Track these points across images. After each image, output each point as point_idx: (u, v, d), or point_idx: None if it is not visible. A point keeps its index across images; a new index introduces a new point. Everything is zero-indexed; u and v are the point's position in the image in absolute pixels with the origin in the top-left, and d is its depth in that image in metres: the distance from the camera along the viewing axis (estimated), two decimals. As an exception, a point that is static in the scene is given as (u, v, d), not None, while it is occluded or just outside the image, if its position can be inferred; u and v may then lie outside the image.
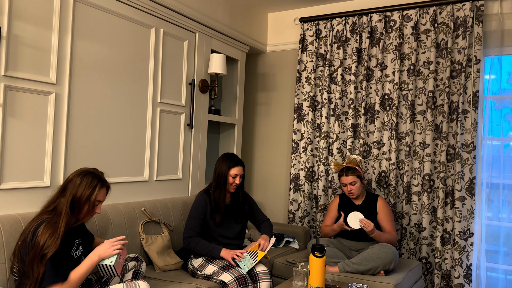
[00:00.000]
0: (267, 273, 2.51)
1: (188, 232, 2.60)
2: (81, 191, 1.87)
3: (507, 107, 3.18)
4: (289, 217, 3.90)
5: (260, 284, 2.46)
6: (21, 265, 1.80)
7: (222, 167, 2.65)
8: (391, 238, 2.87)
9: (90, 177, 1.91)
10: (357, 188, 2.96)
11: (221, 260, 2.56)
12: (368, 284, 2.58)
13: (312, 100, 3.83)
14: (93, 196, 1.89)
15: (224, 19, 3.65)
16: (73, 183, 1.89)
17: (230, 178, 2.63)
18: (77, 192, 1.87)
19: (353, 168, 2.98)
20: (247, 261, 2.50)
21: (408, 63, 3.45)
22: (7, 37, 2.11)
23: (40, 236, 1.76)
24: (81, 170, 1.94)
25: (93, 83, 2.57)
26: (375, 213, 2.97)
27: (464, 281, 3.14)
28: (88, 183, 1.89)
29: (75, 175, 1.91)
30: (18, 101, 2.17)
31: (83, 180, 1.89)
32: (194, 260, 2.60)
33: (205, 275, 2.49)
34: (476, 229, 3.18)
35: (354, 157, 3.06)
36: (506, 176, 3.14)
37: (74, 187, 1.88)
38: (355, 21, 3.67)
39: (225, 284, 2.37)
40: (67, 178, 1.93)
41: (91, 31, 2.55)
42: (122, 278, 2.19)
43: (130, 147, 2.84)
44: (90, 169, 1.97)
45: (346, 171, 2.97)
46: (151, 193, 3.01)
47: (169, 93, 3.14)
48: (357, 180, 2.96)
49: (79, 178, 1.89)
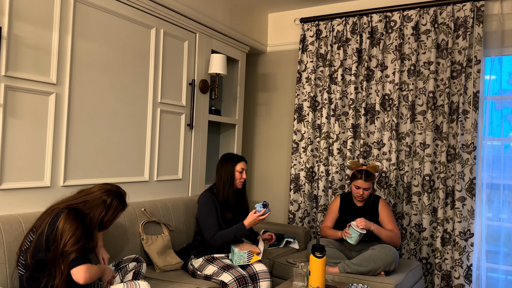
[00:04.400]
0: (267, 272, 2.52)
1: (210, 232, 2.57)
2: (109, 215, 1.98)
3: (508, 108, 3.18)
4: (289, 218, 3.90)
5: (260, 283, 2.46)
6: (34, 261, 1.81)
7: (227, 166, 2.69)
8: (393, 235, 2.84)
9: (117, 200, 2.00)
10: (367, 195, 2.96)
11: (221, 261, 2.56)
12: (369, 285, 2.58)
13: (313, 101, 3.83)
14: (115, 219, 2.03)
15: (225, 19, 3.66)
16: (100, 200, 1.96)
17: (237, 174, 2.68)
18: (106, 215, 1.96)
19: (372, 174, 2.92)
20: (243, 258, 2.53)
21: (409, 64, 3.45)
22: (7, 37, 2.11)
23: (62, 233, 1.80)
24: (111, 190, 2.00)
25: (94, 83, 2.57)
26: (376, 215, 2.97)
27: (465, 282, 3.14)
28: (115, 206, 1.99)
29: (103, 194, 1.97)
30: (19, 101, 2.18)
31: (113, 201, 1.98)
32: (194, 261, 2.60)
33: (205, 275, 2.49)
34: (477, 229, 3.18)
35: (377, 164, 2.96)
36: (506, 177, 3.13)
37: (103, 207, 1.95)
38: (356, 22, 3.67)
39: (225, 284, 2.37)
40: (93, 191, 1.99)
41: (92, 31, 2.55)
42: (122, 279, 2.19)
43: (131, 147, 2.84)
44: (120, 190, 2.05)
45: (365, 176, 2.89)
46: (151, 193, 3.01)
47: (169, 93, 3.14)
48: (371, 187, 2.95)
49: (109, 199, 1.97)
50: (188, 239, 2.99)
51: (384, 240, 2.83)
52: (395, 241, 2.85)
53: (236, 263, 2.53)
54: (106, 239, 2.41)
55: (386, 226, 2.92)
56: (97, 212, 1.93)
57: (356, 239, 2.73)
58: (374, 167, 2.96)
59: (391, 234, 2.84)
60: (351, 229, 2.74)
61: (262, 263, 2.58)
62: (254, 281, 2.48)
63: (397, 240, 2.86)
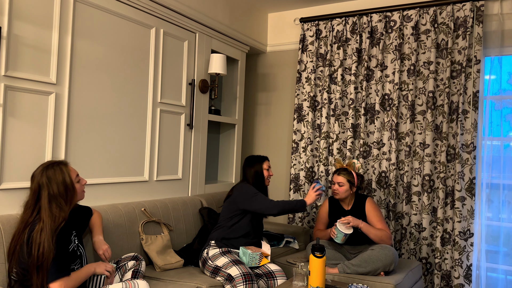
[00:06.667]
0: (282, 271, 2.70)
1: (269, 201, 2.71)
2: (55, 185, 1.86)
3: (507, 108, 3.18)
4: (289, 217, 3.90)
5: (277, 280, 2.65)
6: (20, 269, 1.81)
7: (256, 167, 2.89)
8: (382, 234, 2.80)
9: (51, 168, 1.90)
10: (343, 191, 2.94)
11: (234, 255, 2.65)
12: (368, 284, 2.58)
13: (312, 100, 3.83)
14: (67, 179, 1.90)
15: (224, 19, 3.66)
16: (43, 184, 1.87)
17: (265, 172, 2.89)
18: (53, 189, 1.86)
19: (348, 171, 2.97)
20: (255, 259, 2.64)
21: (408, 63, 3.45)
22: (7, 37, 2.11)
23: (34, 244, 1.76)
24: (41, 168, 1.91)
25: (93, 83, 2.57)
26: (364, 216, 2.96)
27: (464, 282, 3.14)
28: (53, 173, 1.89)
29: (38, 177, 1.88)
30: (18, 101, 2.18)
31: (48, 174, 1.88)
32: (212, 249, 2.66)
33: (216, 266, 2.55)
34: (476, 229, 3.18)
35: (354, 161, 3.05)
36: (506, 177, 3.13)
37: (47, 186, 1.86)
38: (355, 21, 3.67)
39: (231, 278, 2.43)
40: (34, 185, 1.89)
41: (91, 31, 2.55)
42: (121, 278, 2.19)
43: (130, 147, 2.84)
44: (44, 163, 1.95)
45: (339, 171, 2.99)
46: (151, 193, 3.01)
47: (169, 93, 3.14)
48: (346, 183, 2.94)
49: (44, 177, 1.87)
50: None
51: (373, 239, 2.80)
52: (385, 241, 2.80)
53: (248, 264, 2.63)
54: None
55: (375, 226, 2.89)
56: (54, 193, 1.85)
57: (342, 239, 2.76)
58: (350, 165, 3.04)
59: (379, 233, 2.79)
60: (336, 229, 2.77)
61: (275, 264, 2.74)
62: (269, 279, 2.64)
63: (387, 240, 2.81)
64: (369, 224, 2.91)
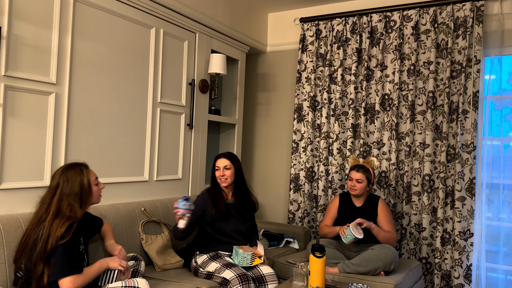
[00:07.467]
0: (274, 275, 2.55)
1: None
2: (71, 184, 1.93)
3: (507, 107, 3.18)
4: (289, 217, 3.90)
5: (268, 285, 2.50)
6: (30, 264, 1.81)
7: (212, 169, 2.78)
8: (390, 236, 2.85)
9: (72, 168, 1.97)
10: (361, 188, 2.96)
11: (224, 258, 2.57)
12: (368, 284, 2.58)
13: (312, 100, 3.83)
14: (84, 180, 1.96)
15: (224, 19, 3.66)
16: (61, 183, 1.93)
17: (216, 172, 2.72)
18: (68, 187, 1.92)
19: (366, 168, 2.99)
20: (246, 259, 2.53)
21: (408, 63, 3.45)
22: (7, 37, 2.11)
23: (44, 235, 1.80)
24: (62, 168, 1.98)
25: (93, 83, 2.57)
26: (375, 215, 2.97)
27: (464, 281, 3.14)
28: (73, 173, 1.95)
29: (58, 176, 1.95)
30: (18, 101, 2.18)
31: (67, 174, 1.95)
32: (199, 257, 2.61)
33: (208, 272, 2.50)
34: (476, 229, 3.18)
35: (372, 159, 3.07)
36: (506, 177, 3.13)
37: (63, 185, 1.92)
38: (355, 21, 3.67)
39: (226, 281, 2.38)
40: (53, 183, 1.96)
41: (91, 31, 2.55)
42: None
43: (130, 147, 2.84)
44: (66, 164, 2.02)
45: (358, 168, 2.98)
46: (151, 193, 3.01)
47: (169, 93, 3.14)
48: (364, 180, 2.96)
49: (63, 176, 1.94)
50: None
51: (381, 240, 2.84)
52: (391, 243, 2.86)
53: (239, 264, 2.54)
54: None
55: (383, 227, 2.91)
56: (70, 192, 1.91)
57: (350, 240, 2.74)
58: (368, 162, 3.04)
59: (387, 235, 2.85)
60: (348, 230, 2.74)
61: (268, 266, 2.60)
62: (260, 284, 2.50)
63: (393, 242, 2.87)
64: (377, 223, 2.94)
